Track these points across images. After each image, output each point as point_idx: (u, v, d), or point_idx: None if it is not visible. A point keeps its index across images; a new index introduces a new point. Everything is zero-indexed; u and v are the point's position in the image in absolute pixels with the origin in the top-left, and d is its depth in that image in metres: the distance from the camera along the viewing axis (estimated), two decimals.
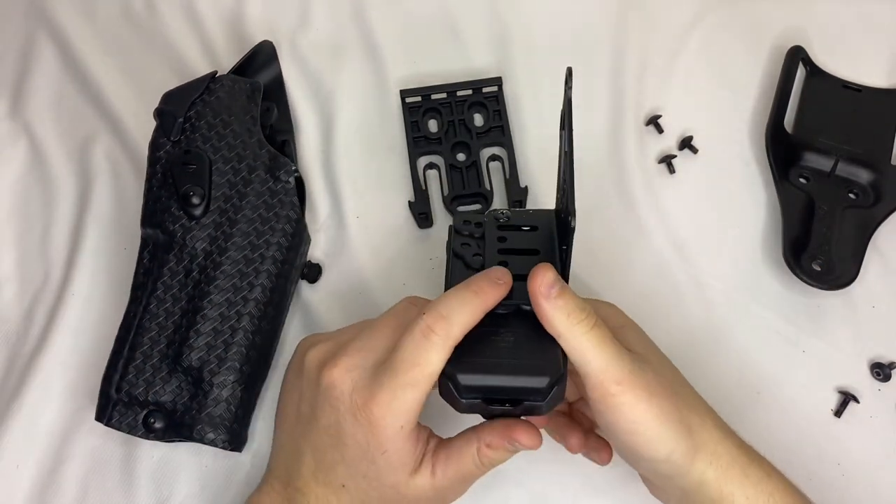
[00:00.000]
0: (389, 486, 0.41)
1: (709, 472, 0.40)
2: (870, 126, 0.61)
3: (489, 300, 0.40)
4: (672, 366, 0.44)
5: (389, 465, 0.41)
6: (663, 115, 0.62)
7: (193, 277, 0.51)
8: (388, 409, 0.40)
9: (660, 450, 0.40)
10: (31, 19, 0.67)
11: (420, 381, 0.39)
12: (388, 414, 0.40)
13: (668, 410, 0.40)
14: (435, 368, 0.39)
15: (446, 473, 0.42)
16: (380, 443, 0.40)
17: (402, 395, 0.39)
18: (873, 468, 0.51)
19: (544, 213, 0.48)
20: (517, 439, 0.40)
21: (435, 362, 0.39)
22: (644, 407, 0.39)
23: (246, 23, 0.67)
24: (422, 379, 0.39)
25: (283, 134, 0.62)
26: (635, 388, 0.39)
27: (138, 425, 0.49)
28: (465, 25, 0.67)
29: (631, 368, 0.39)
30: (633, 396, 0.39)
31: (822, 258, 0.55)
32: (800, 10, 0.66)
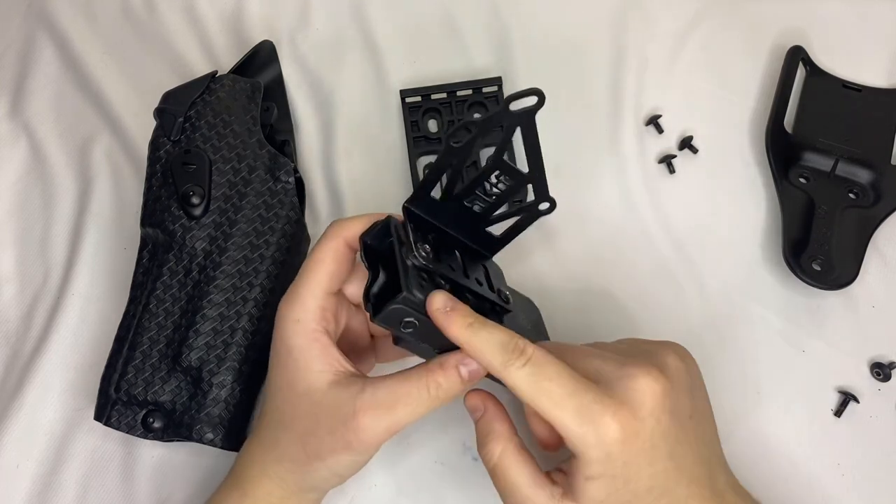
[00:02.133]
0: (304, 393, 0.42)
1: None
2: (870, 126, 0.61)
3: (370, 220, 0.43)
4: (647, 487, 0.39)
5: (298, 367, 0.42)
6: (663, 115, 0.62)
7: (193, 277, 0.51)
8: (286, 303, 0.44)
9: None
10: (31, 19, 0.67)
11: (312, 272, 0.43)
12: (286, 307, 0.44)
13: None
14: (321, 255, 0.43)
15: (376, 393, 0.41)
16: (285, 341, 0.43)
17: (297, 287, 0.44)
18: (873, 468, 0.51)
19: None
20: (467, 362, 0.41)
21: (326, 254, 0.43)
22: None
23: (246, 22, 0.67)
24: (314, 269, 0.43)
25: (283, 134, 0.62)
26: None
27: (137, 425, 0.49)
28: (465, 25, 0.67)
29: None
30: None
31: (822, 258, 0.55)
32: (800, 10, 0.66)
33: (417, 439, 0.52)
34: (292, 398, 0.43)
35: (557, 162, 0.61)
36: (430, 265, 0.41)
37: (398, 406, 0.40)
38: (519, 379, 0.39)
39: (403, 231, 0.42)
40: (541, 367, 0.39)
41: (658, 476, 0.39)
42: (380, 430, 0.40)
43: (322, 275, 0.43)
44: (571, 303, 0.56)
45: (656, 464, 0.39)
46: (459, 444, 0.52)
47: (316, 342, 0.42)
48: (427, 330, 0.40)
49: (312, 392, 0.42)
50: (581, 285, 0.57)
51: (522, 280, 0.57)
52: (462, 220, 0.44)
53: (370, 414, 0.40)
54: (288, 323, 0.43)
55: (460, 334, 0.40)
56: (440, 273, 0.42)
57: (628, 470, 0.38)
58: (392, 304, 0.39)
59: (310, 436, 0.42)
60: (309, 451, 0.42)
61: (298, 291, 0.43)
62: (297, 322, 0.43)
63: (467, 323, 0.40)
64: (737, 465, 0.50)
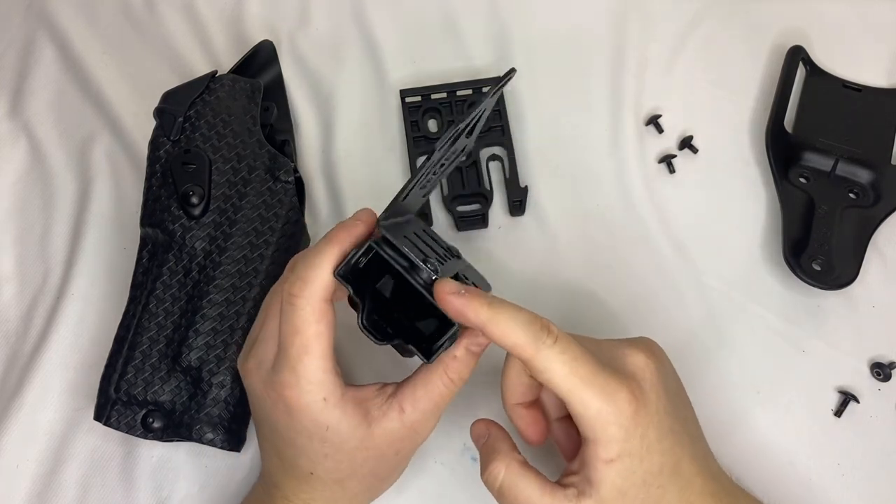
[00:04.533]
0: (353, 451, 0.41)
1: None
2: (870, 126, 0.61)
3: (345, 244, 0.41)
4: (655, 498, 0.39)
5: (341, 436, 0.41)
6: (663, 115, 0.62)
7: (193, 277, 0.51)
8: (298, 389, 0.40)
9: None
10: (31, 19, 0.67)
11: (309, 347, 0.39)
12: (302, 394, 0.40)
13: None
14: (314, 329, 0.39)
15: (417, 405, 0.42)
16: (317, 423, 0.40)
17: (301, 369, 0.39)
18: (873, 468, 0.51)
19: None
20: (476, 339, 0.41)
21: (310, 323, 0.39)
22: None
23: (246, 22, 0.67)
24: (308, 345, 0.39)
25: (283, 134, 0.62)
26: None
27: (137, 425, 0.49)
28: (465, 25, 0.67)
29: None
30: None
31: (822, 258, 0.55)
32: (800, 10, 0.66)
33: None
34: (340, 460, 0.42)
35: (557, 162, 0.61)
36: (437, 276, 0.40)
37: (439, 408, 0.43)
38: (550, 358, 0.38)
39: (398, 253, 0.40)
40: (567, 346, 0.38)
41: (666, 453, 0.39)
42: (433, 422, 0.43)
43: (323, 352, 0.40)
44: (570, 303, 0.56)
45: (663, 440, 0.39)
46: (459, 444, 0.52)
47: (346, 405, 0.41)
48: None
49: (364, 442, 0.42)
50: (580, 285, 0.57)
51: (522, 280, 0.57)
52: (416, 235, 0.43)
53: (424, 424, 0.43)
54: (315, 407, 0.40)
55: (481, 314, 0.38)
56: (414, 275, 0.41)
57: (643, 446, 0.38)
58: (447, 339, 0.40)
59: (374, 478, 0.44)
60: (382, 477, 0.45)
61: (309, 376, 0.40)
62: (325, 401, 0.40)
63: (487, 302, 0.38)
64: (737, 465, 0.50)
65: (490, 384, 0.55)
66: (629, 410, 0.38)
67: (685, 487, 0.40)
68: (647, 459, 0.39)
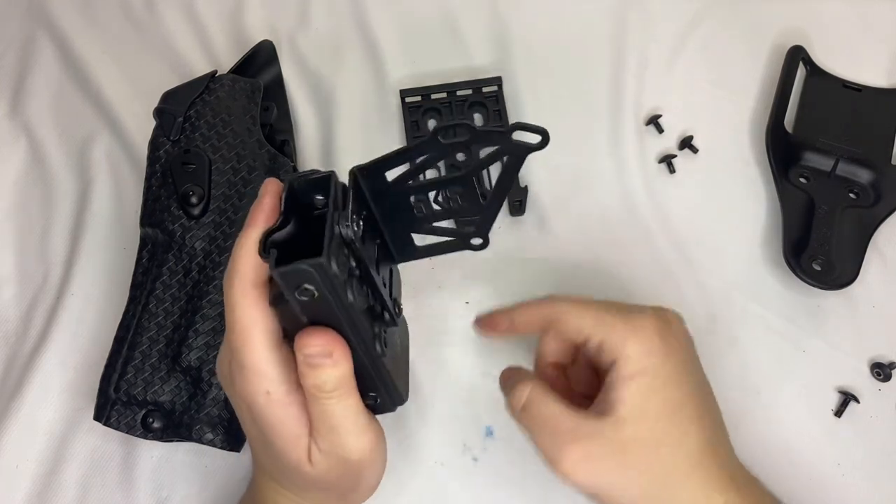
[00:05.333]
0: (293, 469, 0.40)
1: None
2: (870, 126, 0.61)
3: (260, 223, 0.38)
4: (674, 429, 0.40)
5: (281, 440, 0.39)
6: (663, 115, 0.62)
7: (192, 277, 0.51)
8: (242, 380, 0.38)
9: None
10: (31, 19, 0.67)
11: (246, 336, 0.37)
12: (246, 384, 0.38)
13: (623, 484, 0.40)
14: (248, 315, 0.37)
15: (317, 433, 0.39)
16: (261, 418, 0.39)
17: (243, 359, 0.37)
18: (873, 468, 0.51)
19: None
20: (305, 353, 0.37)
21: (243, 309, 0.37)
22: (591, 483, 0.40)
23: (246, 22, 0.67)
24: (245, 333, 0.37)
25: (283, 134, 0.62)
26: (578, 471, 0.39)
27: (137, 425, 0.49)
28: (465, 25, 0.67)
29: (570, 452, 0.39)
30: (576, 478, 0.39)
31: (822, 258, 0.55)
32: (800, 10, 0.66)
33: (417, 439, 0.52)
34: (290, 470, 0.40)
35: (557, 162, 0.61)
36: (356, 242, 0.37)
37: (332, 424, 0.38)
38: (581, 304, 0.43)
39: (343, 196, 0.37)
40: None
41: (687, 398, 0.41)
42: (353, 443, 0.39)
43: (261, 337, 0.37)
44: None
45: (683, 386, 0.41)
46: (459, 444, 0.52)
47: (291, 406, 0.38)
48: (317, 308, 0.35)
49: (302, 464, 0.40)
50: (580, 285, 0.57)
51: (521, 280, 0.57)
52: (397, 214, 0.41)
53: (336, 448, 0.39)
54: (258, 400, 0.38)
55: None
56: (359, 255, 0.38)
57: (664, 371, 0.40)
58: (304, 263, 0.33)
59: (328, 491, 0.42)
60: (340, 496, 0.43)
61: (250, 365, 0.37)
62: (268, 394, 0.38)
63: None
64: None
65: (491, 383, 0.55)
66: (652, 336, 0.40)
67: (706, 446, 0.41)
68: (668, 387, 0.40)
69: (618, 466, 0.39)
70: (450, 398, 0.53)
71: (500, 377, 0.45)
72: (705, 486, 0.40)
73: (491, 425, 0.53)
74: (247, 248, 0.37)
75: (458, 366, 0.54)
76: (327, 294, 0.34)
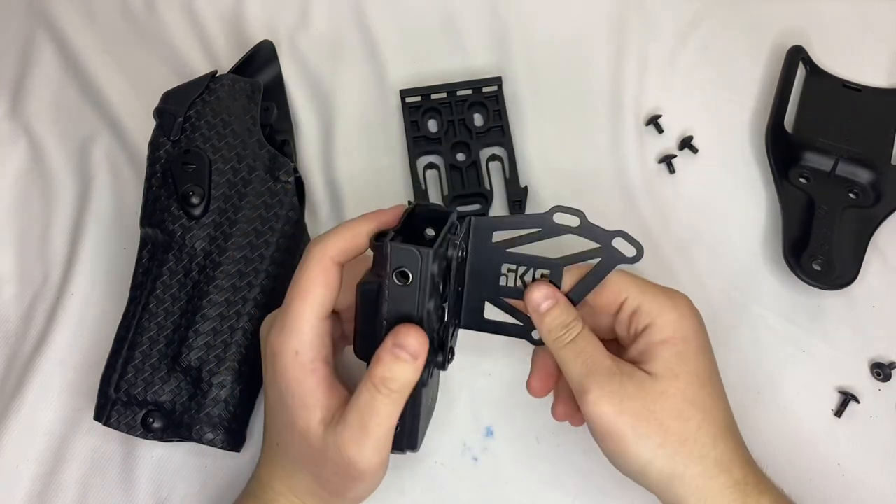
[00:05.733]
0: (301, 436, 0.41)
1: (690, 499, 0.41)
2: (870, 126, 0.61)
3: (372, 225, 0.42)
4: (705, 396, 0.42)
5: (296, 405, 0.41)
6: (663, 115, 0.62)
7: (193, 277, 0.51)
8: (278, 332, 0.41)
9: (630, 462, 0.41)
10: (31, 19, 0.67)
11: (303, 294, 0.41)
12: (283, 336, 0.41)
13: (644, 429, 0.40)
14: (312, 275, 0.41)
15: (345, 420, 0.40)
16: (283, 374, 0.41)
17: (288, 312, 0.41)
18: (873, 468, 0.51)
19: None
20: (400, 341, 0.39)
21: (313, 269, 0.41)
22: (612, 420, 0.40)
23: (246, 22, 0.67)
24: (303, 291, 0.41)
25: (283, 134, 0.62)
26: (602, 402, 0.40)
27: (137, 425, 0.49)
28: (465, 25, 0.67)
29: (602, 383, 0.41)
30: (599, 409, 0.40)
31: (822, 258, 0.55)
32: (800, 10, 0.66)
33: None
34: (295, 438, 0.42)
35: (557, 162, 0.61)
36: (451, 270, 0.41)
37: (367, 423, 0.39)
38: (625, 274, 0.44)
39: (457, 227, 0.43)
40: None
41: (714, 376, 0.43)
42: (368, 454, 0.40)
43: (315, 301, 0.41)
44: None
45: (711, 361, 0.43)
46: (459, 443, 0.52)
47: (313, 374, 0.41)
48: (402, 298, 0.39)
49: (309, 434, 0.41)
50: None
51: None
52: (483, 276, 0.44)
53: (353, 445, 0.39)
54: (286, 356, 0.41)
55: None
56: (446, 282, 0.42)
57: (697, 342, 0.43)
58: (416, 247, 0.38)
59: (321, 477, 0.42)
60: (329, 490, 0.43)
61: (293, 321, 0.41)
62: (296, 354, 0.41)
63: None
64: None
65: (491, 383, 0.55)
66: (687, 309, 0.43)
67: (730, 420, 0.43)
68: (700, 357, 0.42)
69: (644, 411, 0.40)
70: (450, 398, 0.53)
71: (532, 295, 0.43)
72: (731, 455, 0.41)
73: (491, 425, 0.53)
74: (350, 229, 0.42)
75: (458, 366, 0.54)
76: (418, 284, 0.38)
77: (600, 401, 0.40)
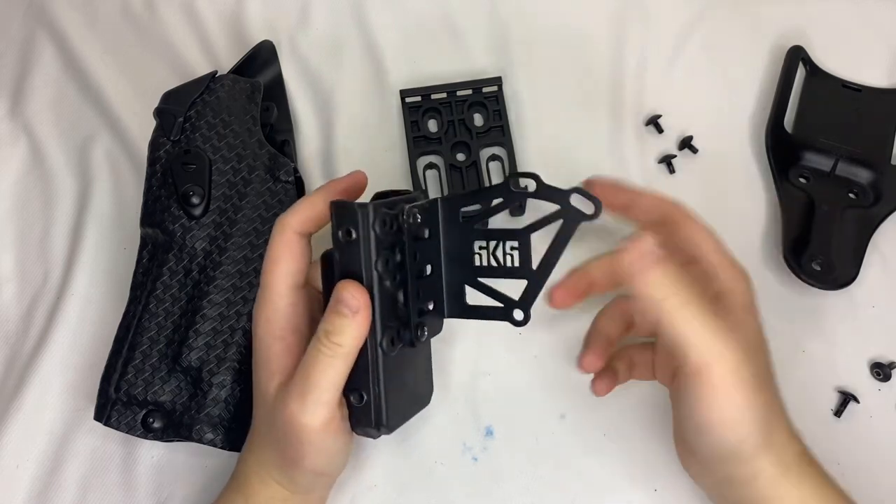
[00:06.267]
0: (263, 400, 0.43)
1: (768, 469, 0.40)
2: (870, 126, 0.61)
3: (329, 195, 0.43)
4: (767, 357, 0.44)
5: (262, 370, 0.43)
6: (663, 115, 0.62)
7: (193, 277, 0.51)
8: (256, 307, 0.43)
9: (730, 436, 0.40)
10: (31, 19, 0.67)
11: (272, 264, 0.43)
12: (257, 310, 0.43)
13: (753, 401, 0.39)
14: (279, 246, 0.43)
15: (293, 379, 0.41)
16: (256, 340, 0.43)
17: (262, 289, 0.43)
18: (873, 468, 0.51)
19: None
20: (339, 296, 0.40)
21: (280, 240, 0.43)
22: (729, 391, 0.39)
23: (246, 22, 0.67)
24: (272, 261, 0.43)
25: (283, 134, 0.62)
26: (724, 373, 0.39)
27: (137, 425, 0.49)
28: (465, 25, 0.67)
29: (723, 351, 0.39)
30: (720, 379, 0.38)
31: (822, 258, 0.55)
32: (800, 10, 0.66)
33: (417, 439, 0.52)
34: (260, 405, 0.44)
35: (557, 162, 0.61)
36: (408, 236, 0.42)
37: (310, 376, 0.40)
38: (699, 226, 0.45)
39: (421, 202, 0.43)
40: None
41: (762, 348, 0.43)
42: (310, 409, 0.40)
43: (281, 271, 0.43)
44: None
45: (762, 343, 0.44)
46: (459, 443, 0.52)
47: (281, 341, 0.42)
48: (350, 257, 0.41)
49: (267, 399, 0.42)
50: None
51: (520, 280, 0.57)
52: (460, 258, 0.44)
53: (295, 400, 0.40)
54: (259, 325, 0.43)
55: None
56: (406, 254, 0.43)
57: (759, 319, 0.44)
58: (358, 203, 0.40)
59: (277, 442, 0.42)
60: (285, 457, 0.42)
61: (263, 292, 0.43)
62: (267, 321, 0.43)
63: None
64: None
65: (491, 383, 0.55)
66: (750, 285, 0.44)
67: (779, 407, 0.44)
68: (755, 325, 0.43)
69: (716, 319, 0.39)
70: (450, 398, 0.53)
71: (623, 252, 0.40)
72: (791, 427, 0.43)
73: (491, 425, 0.53)
74: (308, 201, 0.43)
75: (459, 366, 0.54)
76: (361, 241, 0.40)
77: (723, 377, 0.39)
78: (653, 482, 0.50)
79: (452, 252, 0.44)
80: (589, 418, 0.52)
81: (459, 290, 0.45)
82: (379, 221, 0.41)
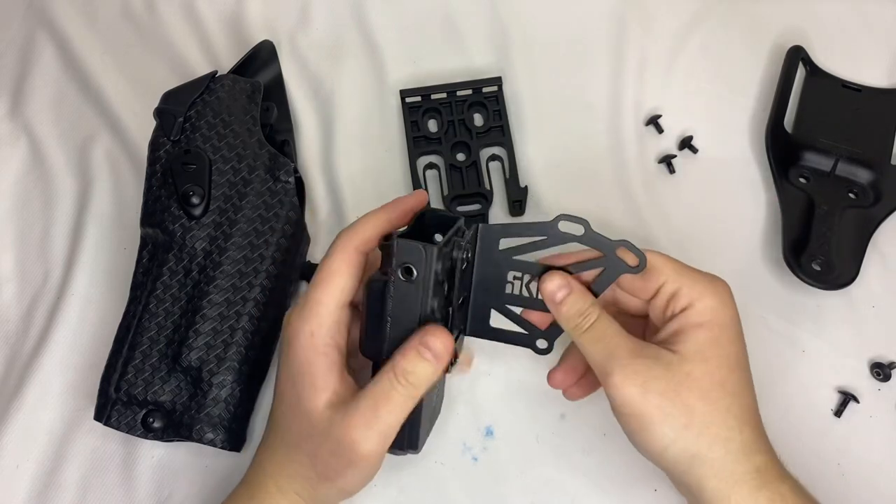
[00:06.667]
0: (305, 415, 0.42)
1: (711, 481, 0.41)
2: (870, 126, 0.61)
3: (393, 214, 0.44)
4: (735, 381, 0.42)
5: (304, 384, 0.42)
6: (663, 115, 0.62)
7: (193, 277, 0.51)
8: (299, 317, 0.43)
9: (653, 442, 0.41)
10: (31, 19, 0.67)
11: (326, 278, 0.43)
12: (303, 317, 0.43)
13: (670, 410, 0.40)
14: (337, 261, 0.43)
15: (357, 403, 0.41)
16: (298, 354, 0.42)
17: (310, 296, 0.43)
18: (873, 468, 0.51)
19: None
20: (427, 341, 0.40)
21: (339, 256, 0.43)
22: (637, 401, 0.40)
23: (246, 23, 0.67)
24: (327, 275, 0.43)
25: (283, 134, 0.62)
26: (627, 383, 0.40)
27: (137, 425, 0.49)
28: (465, 25, 0.67)
29: (624, 365, 0.41)
30: (624, 390, 0.40)
31: (822, 258, 0.55)
32: (800, 10, 0.66)
33: None
34: (298, 416, 0.43)
35: (557, 162, 0.61)
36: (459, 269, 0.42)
37: (380, 409, 0.40)
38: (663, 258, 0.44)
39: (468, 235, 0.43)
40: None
41: (744, 363, 0.43)
42: (373, 439, 0.40)
43: (336, 287, 0.43)
44: None
45: (743, 348, 0.43)
46: (459, 443, 0.52)
47: (325, 357, 0.42)
48: (405, 294, 0.40)
49: (312, 413, 0.42)
50: None
51: None
52: (490, 283, 0.45)
53: (360, 427, 0.40)
54: (302, 336, 0.42)
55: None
56: (451, 285, 0.42)
57: (733, 329, 0.43)
58: (421, 243, 0.40)
59: (315, 457, 0.42)
60: (319, 473, 0.42)
61: (313, 304, 0.42)
62: (311, 336, 0.42)
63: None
64: None
65: (491, 383, 0.55)
66: (726, 295, 0.43)
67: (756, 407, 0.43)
68: (733, 344, 0.42)
69: (670, 391, 0.40)
70: (450, 398, 0.53)
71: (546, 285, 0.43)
72: (755, 442, 0.42)
73: (491, 425, 0.53)
74: (373, 219, 0.44)
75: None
76: (422, 281, 0.40)
77: (625, 382, 0.40)
78: (653, 482, 0.50)
79: (485, 277, 0.45)
80: (589, 418, 0.52)
81: (485, 312, 0.45)
82: (440, 262, 0.40)
